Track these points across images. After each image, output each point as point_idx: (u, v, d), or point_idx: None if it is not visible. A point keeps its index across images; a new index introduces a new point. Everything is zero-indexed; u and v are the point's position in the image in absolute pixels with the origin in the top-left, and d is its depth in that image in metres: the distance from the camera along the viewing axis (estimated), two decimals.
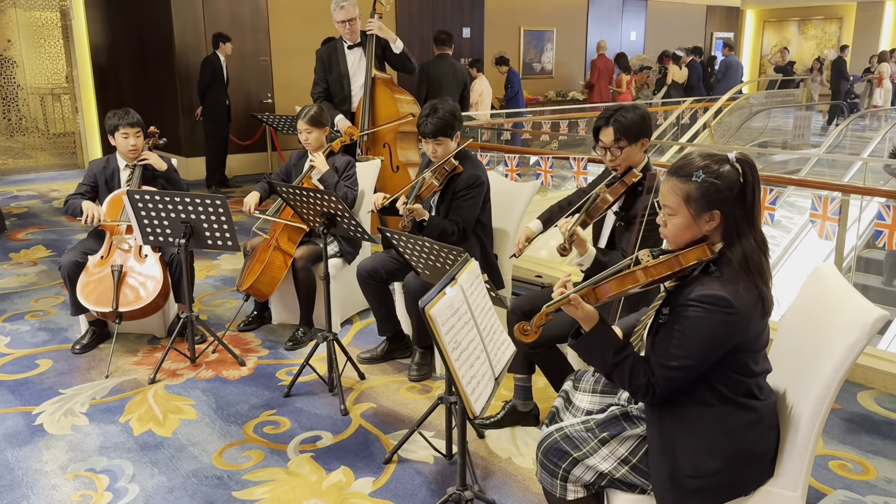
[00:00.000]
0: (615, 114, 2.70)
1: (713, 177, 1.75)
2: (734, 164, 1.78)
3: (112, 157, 3.93)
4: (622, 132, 2.68)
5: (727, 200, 1.76)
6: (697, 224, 1.79)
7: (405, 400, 3.34)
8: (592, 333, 1.86)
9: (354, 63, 5.13)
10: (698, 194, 1.76)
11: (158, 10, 8.98)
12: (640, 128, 2.70)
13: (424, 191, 3.37)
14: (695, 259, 1.79)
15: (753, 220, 1.81)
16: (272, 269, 3.85)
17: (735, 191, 1.76)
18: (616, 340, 1.86)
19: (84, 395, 3.39)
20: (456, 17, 11.33)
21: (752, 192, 1.78)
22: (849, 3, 17.66)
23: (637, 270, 1.81)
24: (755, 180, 1.79)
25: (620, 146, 2.69)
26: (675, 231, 1.83)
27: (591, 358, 1.91)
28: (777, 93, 11.87)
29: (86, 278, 3.65)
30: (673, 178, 1.82)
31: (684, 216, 1.80)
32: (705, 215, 1.78)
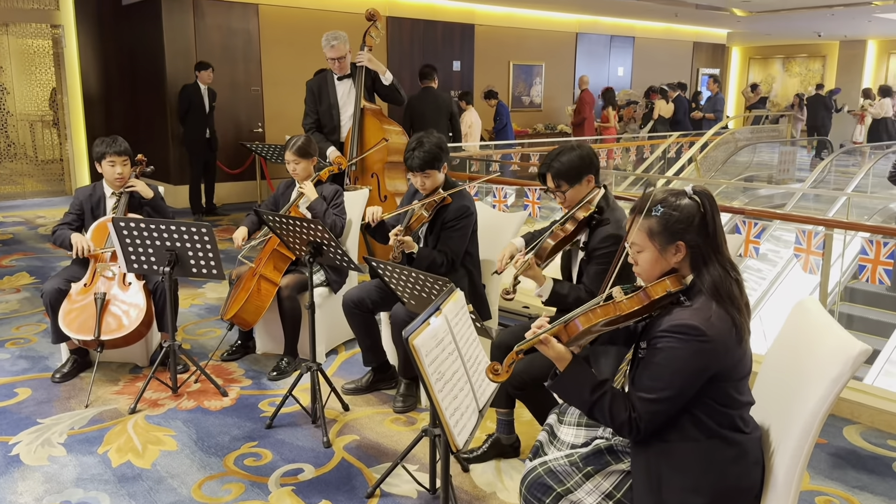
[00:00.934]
0: (553, 160, 2.77)
1: (672, 209, 1.82)
2: (692, 196, 1.84)
3: (98, 185, 3.91)
4: (560, 176, 2.75)
5: (689, 231, 1.82)
6: (665, 257, 1.85)
7: (389, 432, 3.30)
8: (566, 373, 1.87)
9: (344, 94, 5.17)
10: (660, 227, 1.82)
11: (150, 40, 9.04)
12: (580, 169, 2.75)
13: (414, 222, 3.38)
14: (663, 291, 1.82)
15: (718, 247, 1.85)
16: (257, 297, 3.82)
17: (695, 221, 1.82)
18: (592, 378, 1.86)
19: (62, 424, 3.33)
20: (446, 51, 11.47)
21: (712, 221, 1.84)
22: (832, 42, 18.02)
23: (606, 305, 1.83)
24: (713, 209, 1.85)
25: (562, 190, 2.76)
26: (646, 266, 1.89)
27: (569, 397, 1.92)
28: (763, 128, 12.03)
29: (68, 306, 3.61)
30: (635, 216, 1.89)
31: (651, 251, 1.86)
32: (671, 248, 1.83)
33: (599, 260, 2.71)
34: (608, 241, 2.70)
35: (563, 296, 2.69)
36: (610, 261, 2.71)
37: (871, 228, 3.38)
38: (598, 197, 2.76)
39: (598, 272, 2.71)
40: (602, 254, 2.70)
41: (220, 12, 9.20)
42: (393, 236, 3.28)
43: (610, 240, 2.70)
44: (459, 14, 11.48)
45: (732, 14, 12.61)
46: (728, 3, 11.43)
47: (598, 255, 2.71)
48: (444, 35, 11.39)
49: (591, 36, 13.57)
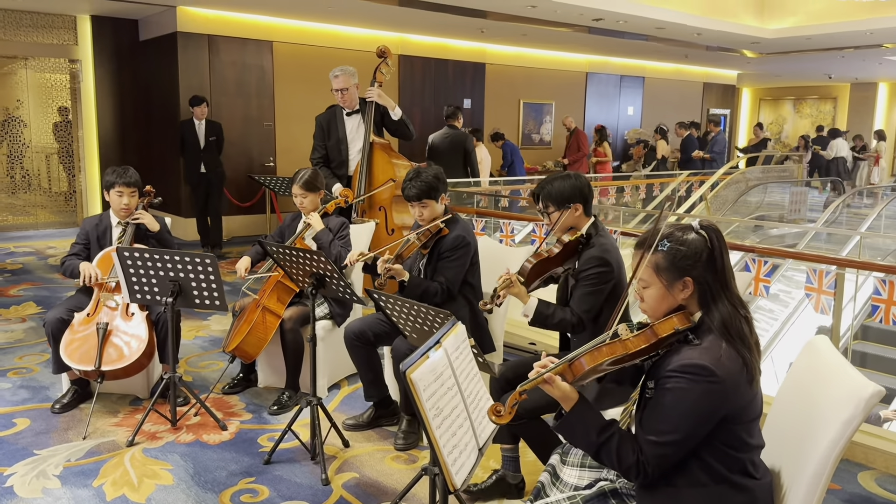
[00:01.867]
0: (547, 183, 2.86)
1: (678, 244, 1.78)
2: (699, 231, 1.80)
3: (105, 215, 3.92)
4: (548, 198, 2.83)
5: (697, 267, 1.77)
6: (672, 294, 1.80)
7: (389, 470, 3.22)
8: (573, 413, 1.80)
9: (353, 129, 5.19)
10: (666, 263, 1.78)
11: (166, 75, 9.18)
12: (569, 195, 2.81)
13: (406, 250, 3.36)
14: (671, 329, 1.77)
15: (727, 284, 1.80)
16: (259, 329, 3.79)
17: (703, 257, 1.77)
18: (599, 419, 1.80)
19: (59, 456, 3.27)
20: (457, 89, 11.58)
21: (720, 257, 1.79)
22: (843, 84, 18.07)
23: (613, 343, 1.78)
24: (722, 245, 1.80)
25: (549, 212, 2.82)
26: (652, 303, 1.83)
27: (574, 439, 1.85)
28: (773, 168, 12.01)
29: (70, 336, 3.58)
30: (640, 251, 1.84)
31: (657, 287, 1.81)
32: (678, 284, 1.78)
33: (585, 282, 2.74)
34: (593, 262, 2.74)
35: (546, 315, 2.71)
36: (594, 282, 2.72)
37: (885, 268, 3.32)
38: (586, 225, 2.77)
39: (584, 294, 2.73)
40: (586, 275, 2.73)
41: (234, 49, 9.35)
42: (381, 263, 3.26)
43: (593, 261, 2.74)
44: (470, 53, 11.61)
45: (743, 56, 12.68)
46: (738, 44, 11.50)
47: (584, 277, 2.74)
48: (455, 73, 11.51)
49: (600, 75, 13.68)
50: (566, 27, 9.83)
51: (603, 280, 2.75)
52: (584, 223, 2.82)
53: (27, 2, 8.49)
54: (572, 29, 9.96)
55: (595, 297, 2.74)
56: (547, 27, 9.73)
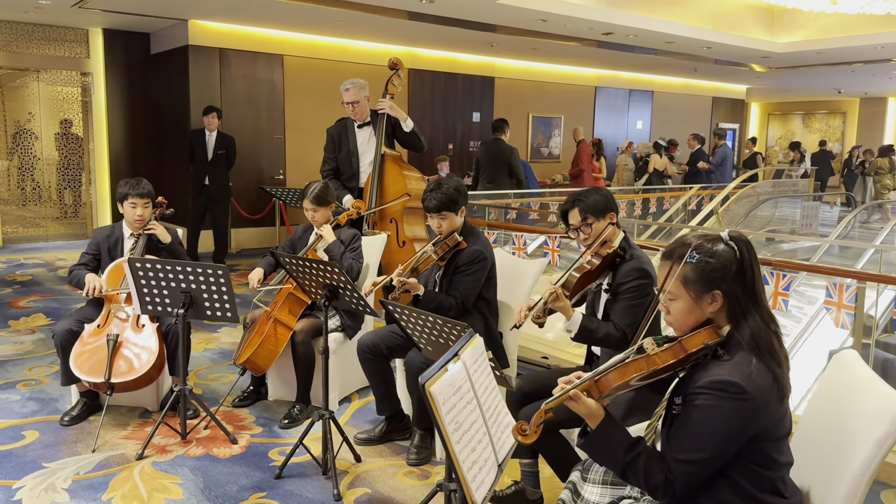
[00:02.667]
0: (578, 196, 2.84)
1: (708, 256, 1.73)
2: (728, 242, 1.75)
3: (117, 226, 3.91)
4: (588, 210, 2.79)
5: (726, 279, 1.72)
6: (700, 307, 1.74)
7: (402, 486, 3.17)
8: (599, 431, 1.75)
9: (364, 141, 5.18)
10: (695, 275, 1.73)
11: (177, 88, 9.22)
12: (605, 204, 2.81)
13: (422, 264, 3.33)
14: (700, 344, 1.71)
15: (757, 297, 1.75)
16: (270, 342, 3.76)
17: (733, 269, 1.72)
18: (626, 437, 1.74)
19: (68, 469, 3.24)
20: (466, 102, 11.60)
21: (750, 269, 1.74)
22: (852, 99, 18.03)
23: (640, 359, 1.73)
24: (752, 257, 1.75)
25: (589, 223, 2.78)
26: (679, 316, 1.78)
27: (600, 458, 1.80)
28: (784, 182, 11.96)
29: (80, 347, 3.56)
30: (667, 263, 1.79)
31: (685, 300, 1.75)
32: (706, 297, 1.73)
33: (626, 295, 2.69)
34: (633, 274, 2.70)
35: (591, 330, 2.65)
36: (636, 295, 2.68)
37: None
38: (619, 238, 2.74)
39: (626, 308, 2.69)
40: (628, 288, 2.69)
41: (245, 62, 9.38)
42: (397, 276, 3.22)
43: (635, 273, 2.70)
44: (480, 67, 11.63)
45: (752, 70, 12.67)
46: (748, 58, 11.48)
47: (625, 290, 2.70)
48: (464, 87, 11.53)
49: (609, 90, 13.68)
50: (576, 41, 9.84)
51: (644, 292, 2.71)
52: (617, 236, 2.79)
53: (40, 15, 8.55)
54: (582, 43, 9.96)
55: (637, 309, 2.70)
56: (556, 41, 9.74)
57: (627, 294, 2.68)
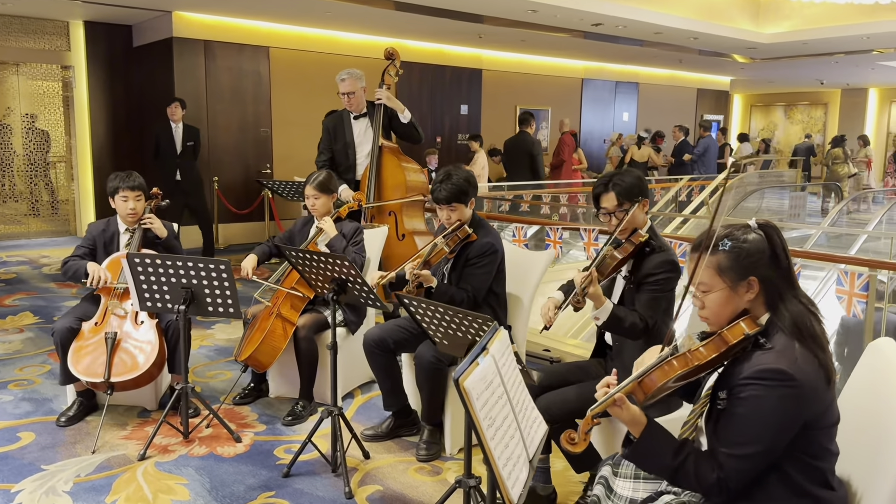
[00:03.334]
0: (613, 178, 2.73)
1: (741, 242, 1.69)
2: (756, 230, 1.72)
3: (112, 220, 3.80)
4: (624, 195, 2.69)
5: (760, 265, 1.69)
6: (737, 295, 1.70)
7: (414, 482, 3.11)
8: (644, 438, 1.69)
9: (360, 133, 5.09)
10: (730, 262, 1.69)
11: (161, 81, 9.05)
12: (640, 188, 2.72)
13: (434, 257, 3.26)
14: (740, 335, 1.67)
15: (793, 281, 1.72)
16: (273, 338, 3.68)
17: (766, 254, 1.69)
18: (671, 441, 1.69)
19: (68, 471, 3.14)
20: (454, 95, 11.52)
21: (784, 254, 1.71)
22: (834, 90, 18.18)
23: (681, 356, 1.68)
24: (782, 241, 1.72)
25: (624, 209, 2.68)
26: (715, 308, 1.73)
27: (648, 465, 1.75)
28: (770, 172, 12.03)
29: (78, 346, 3.46)
30: (697, 254, 1.74)
31: (721, 290, 1.71)
32: (742, 284, 1.69)
33: (653, 287, 2.63)
34: (664, 266, 2.63)
35: (620, 319, 2.57)
36: (664, 287, 2.63)
37: None
38: (646, 226, 2.68)
39: (652, 299, 2.63)
40: (656, 280, 2.63)
41: (231, 55, 9.24)
42: (410, 269, 3.16)
43: (666, 266, 2.63)
44: (467, 59, 11.56)
45: (736, 61, 12.71)
46: (735, 49, 11.51)
47: (653, 282, 2.63)
48: (452, 79, 11.45)
49: (596, 81, 13.67)
50: (564, 32, 9.79)
51: (670, 286, 2.66)
52: (645, 223, 2.72)
53: (18, 6, 8.34)
54: (570, 34, 9.93)
55: (661, 302, 2.65)
56: (545, 32, 9.69)
57: (655, 286, 2.62)
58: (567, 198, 8.92)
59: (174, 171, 7.63)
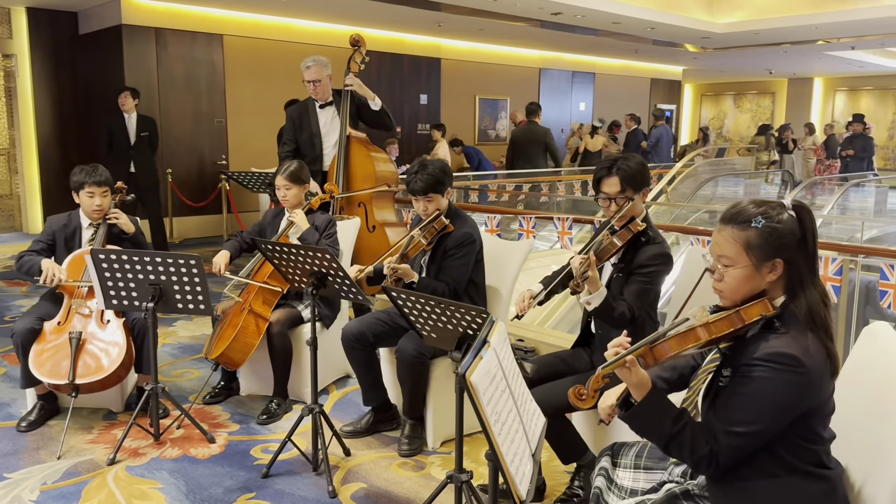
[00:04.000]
0: (617, 162, 2.66)
1: (774, 222, 1.65)
2: (790, 211, 1.69)
3: (74, 214, 3.62)
4: (628, 181, 2.63)
5: (789, 247, 1.65)
6: (759, 275, 1.67)
7: (398, 478, 3.05)
8: (646, 403, 1.68)
9: (327, 122, 4.97)
10: (760, 241, 1.65)
11: (110, 70, 8.73)
12: (644, 177, 2.67)
13: (412, 249, 3.20)
14: (757, 315, 1.65)
15: (815, 268, 1.71)
16: (246, 334, 3.56)
17: (796, 237, 1.66)
18: (672, 408, 1.69)
19: (33, 479, 2.99)
20: (413, 85, 11.41)
21: (812, 239, 1.69)
22: (781, 79, 18.63)
23: (698, 327, 1.66)
24: (814, 227, 1.70)
25: (627, 196, 2.62)
26: (734, 283, 1.69)
27: (645, 430, 1.73)
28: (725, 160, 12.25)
29: (40, 347, 3.29)
30: (729, 227, 1.70)
31: (745, 266, 1.67)
32: (767, 265, 1.66)
33: (644, 279, 2.60)
34: (657, 259, 2.60)
35: (612, 307, 2.52)
36: (654, 280, 2.60)
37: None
38: (642, 215, 2.65)
39: (641, 291, 2.60)
40: (649, 272, 2.59)
41: (183, 42, 8.96)
42: (388, 265, 3.09)
43: (659, 258, 2.60)
44: (426, 48, 11.46)
45: (688, 51, 12.90)
46: (690, 39, 11.67)
47: (644, 273, 2.60)
48: (411, 68, 11.34)
49: (553, 71, 13.72)
50: (523, 21, 9.78)
51: (660, 279, 2.64)
52: (642, 212, 2.69)
53: None
54: (528, 23, 9.91)
55: (649, 294, 2.63)
56: (504, 21, 9.66)
57: (646, 278, 2.59)
58: (528, 187, 8.92)
59: (128, 164, 7.29)
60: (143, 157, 7.40)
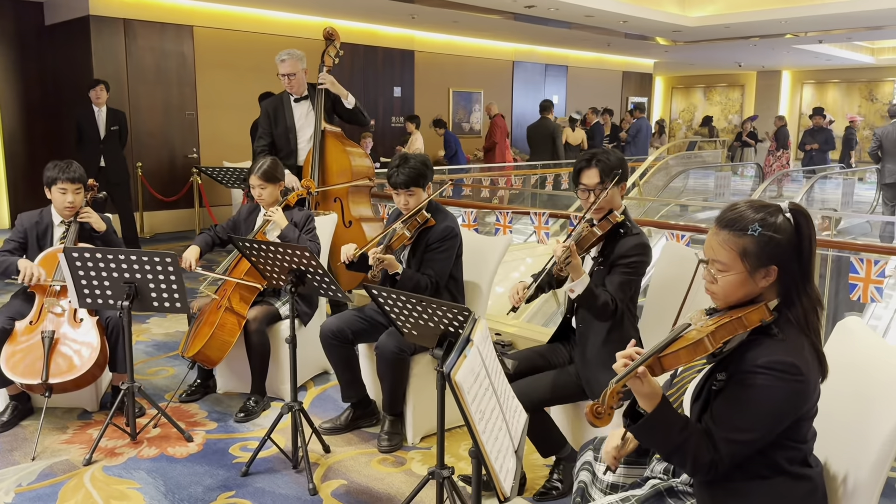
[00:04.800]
0: (597, 155, 2.70)
1: (771, 230, 1.63)
2: (786, 215, 1.66)
3: (45, 211, 3.55)
4: (607, 173, 2.66)
5: (785, 255, 1.64)
6: (752, 280, 1.66)
7: (378, 474, 3.06)
8: (657, 414, 1.64)
9: (302, 116, 4.94)
10: (756, 249, 1.64)
11: (78, 62, 8.56)
12: (623, 170, 2.70)
13: (395, 242, 3.20)
14: (757, 321, 1.64)
15: (809, 275, 1.69)
16: (223, 332, 3.54)
17: (792, 244, 1.65)
18: (679, 417, 1.67)
19: (7, 481, 2.94)
20: (387, 77, 11.36)
21: (808, 246, 1.67)
22: (750, 72, 18.87)
23: (705, 338, 1.63)
24: (811, 232, 1.68)
25: (605, 187, 2.65)
26: (728, 288, 1.69)
27: (652, 440, 1.71)
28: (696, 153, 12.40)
29: (11, 347, 3.23)
30: (725, 232, 1.68)
31: (739, 272, 1.66)
32: (762, 271, 1.65)
33: (626, 270, 2.63)
34: (637, 249, 2.63)
35: (595, 296, 2.55)
36: (636, 271, 2.63)
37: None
38: (622, 208, 2.68)
39: (624, 282, 2.63)
40: (630, 262, 2.63)
41: (152, 34, 8.82)
42: (372, 255, 3.08)
43: (639, 248, 2.64)
44: (399, 40, 11.41)
45: (659, 44, 13.01)
46: (662, 32, 11.77)
47: (626, 264, 2.63)
48: (384, 61, 11.28)
49: (526, 64, 13.75)
50: (496, 14, 9.78)
51: (641, 269, 2.67)
52: (620, 206, 2.72)
53: None
54: (502, 16, 9.92)
55: (633, 286, 2.66)
56: (478, 14, 9.64)
57: (628, 268, 2.62)
58: (505, 181, 8.95)
59: (98, 158, 7.17)
60: (114, 152, 7.29)
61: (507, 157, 11.27)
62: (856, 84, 17.58)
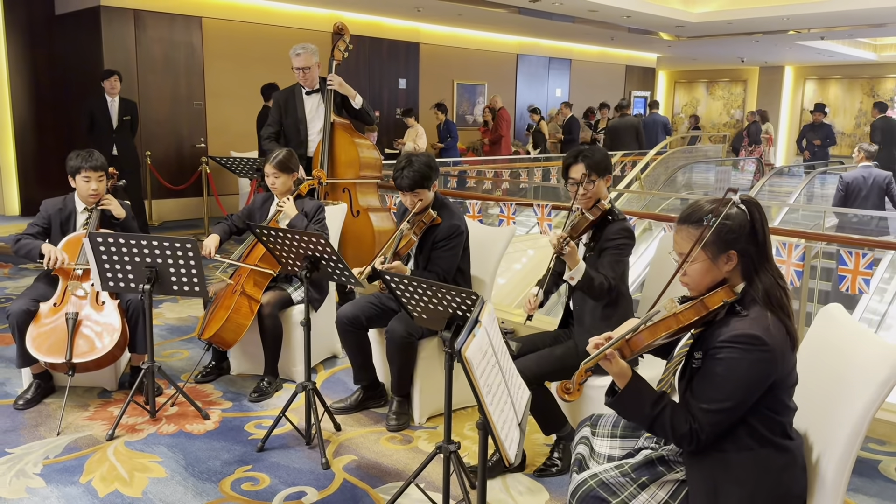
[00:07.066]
0: (583, 151, 2.95)
1: (725, 218, 1.83)
2: (739, 205, 1.87)
3: (69, 198, 3.70)
4: (592, 167, 2.90)
5: (740, 239, 1.84)
6: (717, 266, 1.86)
7: (387, 451, 3.22)
8: (628, 390, 1.86)
9: (312, 109, 5.08)
10: (713, 237, 1.83)
11: (88, 52, 8.68)
12: (607, 164, 2.94)
13: (403, 247, 3.34)
14: (720, 301, 1.84)
15: (767, 255, 1.89)
16: (238, 315, 3.69)
17: (746, 229, 1.84)
18: (652, 393, 1.86)
19: (35, 454, 3.10)
20: (392, 69, 11.48)
21: (761, 229, 1.87)
22: (753, 67, 18.95)
23: (668, 318, 1.83)
24: (762, 217, 1.88)
25: (592, 179, 2.88)
26: (697, 277, 1.89)
27: (629, 414, 1.92)
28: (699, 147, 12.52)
29: (36, 328, 3.38)
30: (685, 226, 1.91)
31: (702, 260, 1.86)
32: (722, 257, 1.85)
33: (615, 251, 2.86)
34: (622, 233, 2.88)
35: (592, 278, 2.77)
36: (623, 252, 2.86)
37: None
38: (609, 198, 2.91)
39: (614, 262, 2.85)
40: (617, 244, 2.86)
41: (162, 24, 8.94)
42: (380, 264, 3.22)
43: (623, 232, 2.88)
44: (405, 32, 11.52)
45: (663, 39, 13.10)
46: (665, 28, 11.86)
47: (613, 246, 2.86)
48: (389, 53, 11.39)
49: (530, 57, 13.85)
50: (501, 7, 9.88)
51: (627, 251, 2.88)
52: (607, 197, 2.94)
53: None
54: (506, 10, 10.02)
55: (622, 265, 2.86)
56: (482, 7, 9.75)
57: (616, 250, 2.85)
58: (509, 173, 9.08)
59: (110, 147, 7.32)
60: (126, 141, 7.46)
61: (509, 149, 11.46)
62: (858, 80, 17.66)
